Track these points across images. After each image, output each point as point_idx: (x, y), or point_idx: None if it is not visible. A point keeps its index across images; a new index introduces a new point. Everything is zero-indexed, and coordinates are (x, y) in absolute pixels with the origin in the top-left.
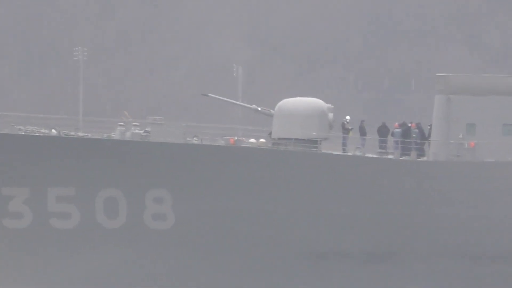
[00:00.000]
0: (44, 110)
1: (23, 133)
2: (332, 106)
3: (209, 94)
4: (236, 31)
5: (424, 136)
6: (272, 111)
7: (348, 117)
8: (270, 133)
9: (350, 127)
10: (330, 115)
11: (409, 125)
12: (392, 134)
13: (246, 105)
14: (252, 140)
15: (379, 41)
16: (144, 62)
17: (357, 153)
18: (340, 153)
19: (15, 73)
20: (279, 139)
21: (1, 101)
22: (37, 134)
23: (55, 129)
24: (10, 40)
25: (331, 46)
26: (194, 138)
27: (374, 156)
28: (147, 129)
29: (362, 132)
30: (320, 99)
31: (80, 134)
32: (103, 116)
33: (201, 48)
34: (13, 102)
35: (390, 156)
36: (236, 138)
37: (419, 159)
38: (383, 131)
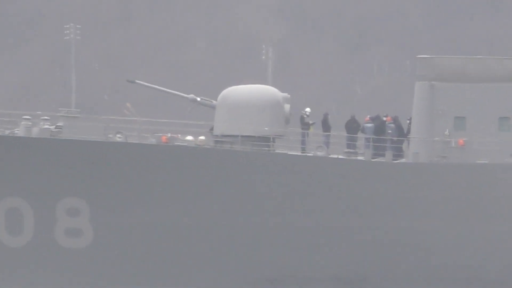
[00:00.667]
0: (23, 98)
1: None
2: (289, 96)
3: (136, 81)
4: (265, 3)
5: (402, 133)
6: (214, 101)
7: (308, 109)
8: (212, 129)
9: (310, 122)
10: (287, 106)
11: (384, 118)
12: (363, 130)
13: (182, 94)
14: (189, 137)
15: (440, 16)
16: (149, 40)
17: (319, 153)
18: (299, 153)
19: None
20: (222, 136)
21: None
22: None
23: None
24: None
25: (381, 21)
26: (117, 135)
27: (340, 157)
28: (58, 124)
29: (326, 127)
30: (368, 85)
31: None
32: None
33: (223, 23)
34: None
35: (360, 157)
36: (169, 135)
37: (395, 161)
38: (352, 126)
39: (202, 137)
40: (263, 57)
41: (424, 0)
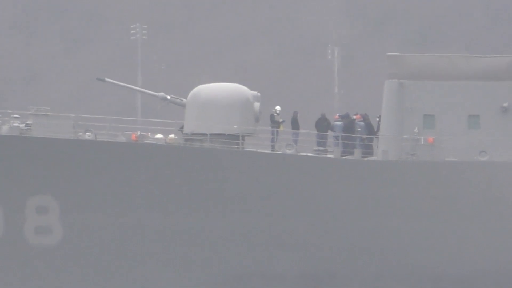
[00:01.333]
0: (88, 97)
1: None
2: (259, 94)
3: (106, 79)
4: (331, 3)
5: (372, 131)
6: (184, 100)
7: (278, 107)
8: (182, 127)
9: (280, 120)
10: (256, 104)
11: (353, 117)
12: (332, 128)
13: (151, 92)
14: (159, 135)
15: (504, 16)
16: (215, 40)
17: (288, 151)
18: (268, 151)
19: (57, 52)
20: (192, 134)
21: (35, 82)
22: None
23: None
24: (48, 14)
25: (454, 21)
26: (87, 133)
27: (310, 154)
28: (28, 122)
29: (295, 125)
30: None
31: None
32: None
33: (288, 22)
34: (48, 84)
35: (330, 155)
36: (138, 133)
37: (365, 159)
38: (322, 124)
39: (172, 135)
40: (329, 57)
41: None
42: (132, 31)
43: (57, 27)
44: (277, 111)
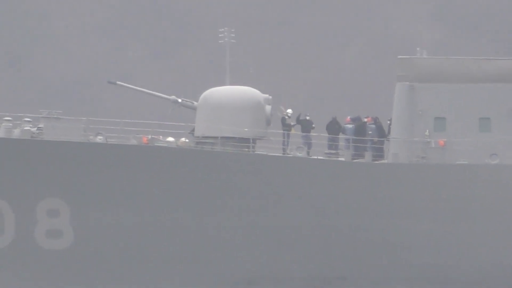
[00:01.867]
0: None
1: None
2: (270, 97)
3: (117, 82)
4: (420, 6)
5: (382, 133)
6: (195, 103)
7: (290, 111)
8: (193, 130)
9: (292, 123)
10: (268, 108)
11: (364, 119)
12: (343, 131)
13: (163, 95)
14: (170, 138)
15: None
16: (304, 43)
17: (299, 154)
18: (278, 154)
19: (147, 55)
20: (203, 137)
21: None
22: None
23: None
24: (139, 18)
25: None
26: (98, 136)
27: (320, 157)
28: (40, 126)
29: (306, 128)
30: None
31: None
32: None
33: (377, 24)
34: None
35: (341, 158)
36: (150, 136)
37: (376, 162)
38: (333, 128)
39: (184, 139)
40: None
41: None
42: (220, 35)
43: (146, 31)
44: (289, 114)
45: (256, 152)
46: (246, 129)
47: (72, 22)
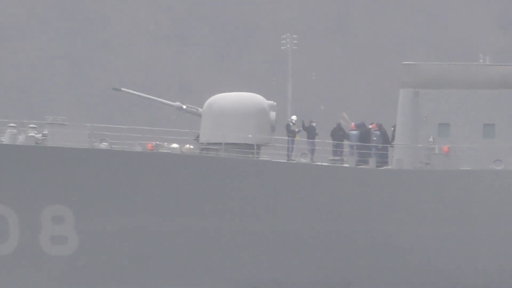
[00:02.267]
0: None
1: None
2: (275, 103)
3: (122, 89)
4: (484, 12)
5: (386, 140)
6: (200, 109)
7: (294, 117)
8: (198, 137)
9: (296, 129)
10: (272, 114)
11: (369, 126)
12: (348, 138)
13: (168, 102)
14: (175, 145)
15: None
16: (367, 49)
17: (303, 160)
18: (283, 160)
19: (209, 60)
20: (208, 143)
21: (186, 90)
22: None
23: None
24: (201, 23)
25: None
26: (103, 142)
27: (325, 164)
28: (44, 132)
29: (311, 135)
30: None
31: None
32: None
33: (441, 29)
34: (199, 91)
35: (345, 164)
36: (154, 143)
37: (380, 168)
38: (338, 134)
39: (188, 146)
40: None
41: None
42: (282, 41)
43: (210, 36)
44: (293, 121)
45: (260, 158)
46: (250, 135)
47: (135, 28)
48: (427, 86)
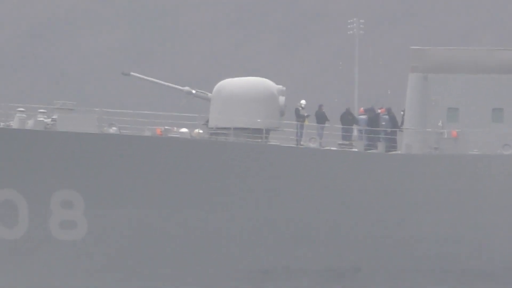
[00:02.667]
0: (307, 90)
1: None
2: (284, 88)
3: (131, 73)
4: None
5: (395, 124)
6: (209, 94)
7: (303, 102)
8: (207, 122)
9: (306, 114)
10: (281, 98)
11: (378, 110)
12: (357, 122)
13: (177, 86)
14: (184, 129)
15: None
16: (433, 35)
17: (311, 144)
18: (292, 145)
19: (275, 46)
20: (217, 128)
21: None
22: None
23: None
24: (268, 9)
25: None
26: (112, 127)
27: (334, 148)
28: (54, 117)
29: (321, 119)
30: None
31: None
32: None
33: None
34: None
35: (354, 149)
36: (164, 127)
37: (389, 152)
38: (347, 119)
39: (198, 130)
40: None
41: None
42: (349, 26)
43: (275, 23)
44: (302, 105)
45: (269, 143)
46: (259, 120)
47: (200, 16)
48: (436, 71)
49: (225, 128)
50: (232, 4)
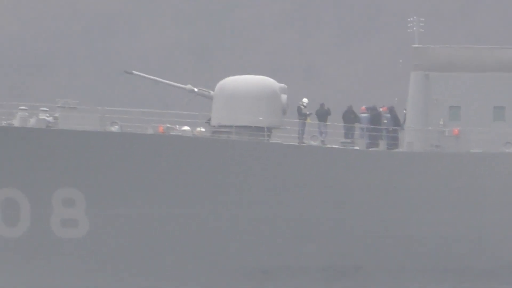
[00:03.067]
0: (361, 89)
1: None
2: (286, 86)
3: (134, 72)
4: None
5: (397, 122)
6: (212, 92)
7: (305, 100)
8: (209, 120)
9: (308, 112)
10: (284, 97)
11: (380, 109)
12: (359, 120)
13: (179, 85)
14: (186, 127)
15: None
16: (491, 36)
17: (313, 142)
18: (293, 143)
19: (331, 44)
20: (219, 126)
21: (312, 76)
22: None
23: None
24: (324, 5)
25: None
26: (114, 125)
27: (335, 146)
28: (56, 115)
29: (322, 117)
30: None
31: None
32: None
33: None
34: (325, 77)
35: (356, 147)
36: (166, 125)
37: (391, 150)
38: (349, 117)
39: (200, 129)
40: None
41: None
42: (409, 24)
43: (334, 19)
44: (304, 104)
45: (271, 141)
46: (261, 118)
47: (256, 12)
48: (438, 69)
49: (227, 126)
50: (289, 1)
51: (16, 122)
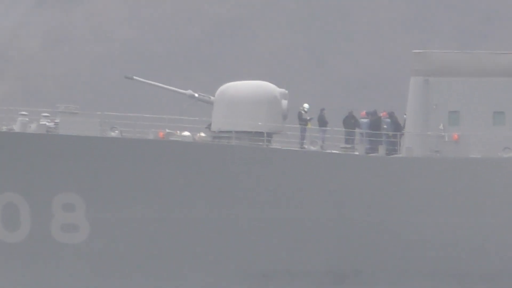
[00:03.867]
0: None
1: None
2: (286, 91)
3: (134, 77)
4: None
5: (398, 128)
6: (212, 97)
7: (306, 105)
8: (210, 125)
9: (308, 117)
10: (284, 102)
11: (380, 114)
12: (359, 125)
13: (179, 90)
14: (186, 133)
15: None
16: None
17: (312, 147)
18: (293, 148)
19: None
20: (220, 131)
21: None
22: None
23: None
24: (443, 8)
25: None
26: (114, 131)
27: (335, 151)
28: (56, 120)
29: (322, 123)
30: None
31: None
32: None
33: None
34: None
35: (356, 152)
36: (166, 131)
37: (390, 156)
38: (350, 122)
39: (201, 134)
40: None
41: None
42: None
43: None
44: (305, 109)
45: (271, 146)
46: (261, 124)
47: (372, 18)
48: (438, 74)
49: (227, 132)
50: (403, 6)
51: (16, 128)
